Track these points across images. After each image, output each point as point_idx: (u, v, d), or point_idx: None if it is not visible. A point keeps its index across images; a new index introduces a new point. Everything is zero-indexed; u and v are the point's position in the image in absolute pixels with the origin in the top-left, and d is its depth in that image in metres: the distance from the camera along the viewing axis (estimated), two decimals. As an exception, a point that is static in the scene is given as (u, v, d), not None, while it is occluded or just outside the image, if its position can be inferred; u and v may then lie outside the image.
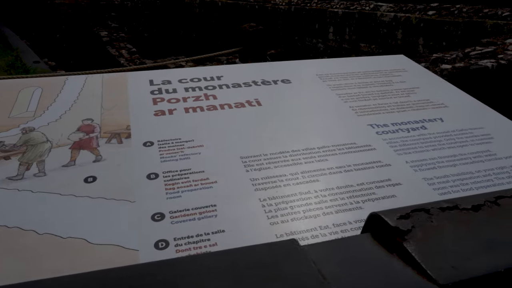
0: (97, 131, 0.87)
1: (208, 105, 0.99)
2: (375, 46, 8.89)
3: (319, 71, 1.20)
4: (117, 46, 13.14)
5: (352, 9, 9.42)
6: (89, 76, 1.10)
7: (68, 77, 1.08)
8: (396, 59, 1.33)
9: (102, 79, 1.09)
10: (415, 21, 8.28)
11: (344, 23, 9.48)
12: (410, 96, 1.10)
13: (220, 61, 9.90)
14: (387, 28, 8.78)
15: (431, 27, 8.16)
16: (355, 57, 1.36)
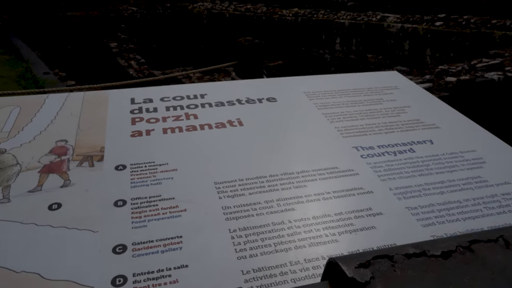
0: (70, 153, 0.85)
1: (188, 125, 0.96)
2: (382, 57, 8.85)
3: (307, 88, 1.17)
4: (126, 57, 13.27)
5: (359, 20, 9.41)
6: (71, 94, 1.08)
7: (49, 95, 1.06)
8: (388, 76, 1.29)
9: (83, 97, 1.07)
10: (422, 32, 8.23)
11: (351, 34, 9.46)
12: (400, 115, 1.05)
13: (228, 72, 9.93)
14: (394, 39, 8.74)
15: (439, 38, 8.11)
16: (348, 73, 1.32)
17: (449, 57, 8.06)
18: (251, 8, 12.74)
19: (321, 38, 10.16)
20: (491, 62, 5.16)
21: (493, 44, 7.42)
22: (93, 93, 1.09)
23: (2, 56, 8.28)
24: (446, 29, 8.08)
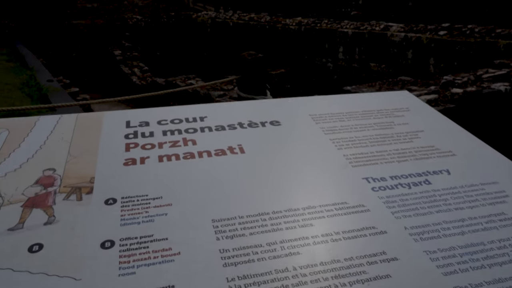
0: (57, 184, 0.78)
1: (186, 152, 0.89)
2: (385, 66, 8.80)
3: (313, 110, 1.10)
4: (130, 65, 13.30)
5: (362, 29, 9.38)
6: (63, 117, 1.02)
7: (40, 117, 1.00)
8: (399, 96, 1.23)
9: (76, 119, 1.01)
10: (426, 41, 8.18)
11: (354, 43, 9.43)
12: (413, 141, 0.98)
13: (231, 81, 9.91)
14: (397, 48, 8.70)
15: (443, 47, 8.06)
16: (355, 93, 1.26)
17: (453, 66, 8.00)
18: (254, 17, 12.75)
19: (324, 47, 10.13)
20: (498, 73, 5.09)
21: (497, 53, 7.37)
22: (87, 115, 1.03)
23: (7, 64, 8.29)
24: (450, 38, 8.04)
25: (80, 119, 1.01)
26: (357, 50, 9.36)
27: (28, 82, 6.66)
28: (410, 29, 8.76)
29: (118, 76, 13.36)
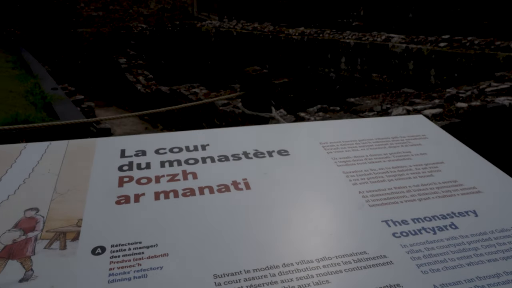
0: (39, 228, 0.69)
1: (185, 188, 0.81)
2: (387, 76, 8.76)
3: (323, 137, 1.02)
4: (135, 73, 13.28)
5: (364, 40, 9.35)
6: (52, 144, 0.93)
7: (27, 144, 0.92)
8: (414, 121, 1.14)
9: (66, 148, 0.92)
10: (426, 53, 8.14)
11: (356, 53, 9.40)
12: (434, 175, 0.90)
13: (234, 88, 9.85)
14: (398, 59, 8.66)
15: (443, 58, 8.02)
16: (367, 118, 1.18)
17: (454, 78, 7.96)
18: (258, 27, 12.75)
19: (327, 57, 10.10)
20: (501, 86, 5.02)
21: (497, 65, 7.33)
22: (78, 142, 0.95)
23: (12, 71, 8.26)
24: (450, 50, 8.01)
25: (71, 147, 0.93)
26: (359, 61, 9.32)
27: (33, 90, 6.62)
28: (411, 41, 8.74)
29: (123, 84, 13.34)
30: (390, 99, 4.37)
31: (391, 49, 8.79)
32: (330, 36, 10.34)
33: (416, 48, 8.32)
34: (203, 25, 15.26)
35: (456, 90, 4.64)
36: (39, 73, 7.69)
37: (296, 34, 11.11)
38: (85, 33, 16.94)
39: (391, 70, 8.92)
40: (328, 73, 10.15)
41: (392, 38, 9.01)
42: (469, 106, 4.03)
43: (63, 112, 4.93)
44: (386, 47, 8.89)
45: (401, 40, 8.80)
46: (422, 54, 8.23)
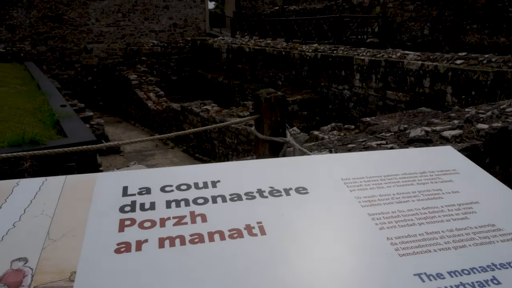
0: (26, 283, 0.61)
1: (193, 233, 0.72)
2: (403, 94, 8.63)
3: (345, 172, 0.93)
4: (146, 89, 13.41)
5: (379, 57, 9.27)
6: (48, 180, 0.86)
7: (20, 181, 0.85)
8: (442, 153, 1.05)
9: (63, 184, 0.85)
10: (443, 70, 8.01)
11: (371, 70, 9.31)
12: (469, 218, 0.80)
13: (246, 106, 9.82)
14: (414, 76, 8.54)
15: (460, 76, 7.88)
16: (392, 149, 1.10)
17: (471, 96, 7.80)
18: (271, 44, 12.78)
19: (341, 74, 10.03)
20: (522, 106, 4.87)
21: (515, 83, 7.19)
22: (76, 178, 0.88)
23: (21, 87, 8.35)
24: (467, 68, 7.87)
25: (68, 183, 0.86)
26: (373, 78, 9.23)
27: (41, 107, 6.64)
28: (427, 58, 8.63)
29: (133, 100, 13.47)
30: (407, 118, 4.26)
31: (407, 66, 8.70)
32: (344, 53, 10.29)
33: (432, 66, 8.21)
34: (215, 41, 15.39)
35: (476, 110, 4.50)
36: (48, 90, 7.75)
37: (309, 50, 11.09)
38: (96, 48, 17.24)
39: (407, 87, 8.80)
40: (342, 90, 10.08)
41: (408, 55, 8.92)
42: (490, 128, 3.89)
43: (72, 130, 4.91)
44: (401, 64, 8.79)
45: (417, 57, 8.70)
46: (438, 72, 8.11)
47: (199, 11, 19.50)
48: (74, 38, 16.83)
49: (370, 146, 3.11)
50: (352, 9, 16.96)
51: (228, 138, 8.39)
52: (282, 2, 23.43)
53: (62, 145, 4.54)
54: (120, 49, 17.40)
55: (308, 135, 6.72)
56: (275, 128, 1.63)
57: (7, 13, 15.43)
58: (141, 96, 12.75)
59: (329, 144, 3.66)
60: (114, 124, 13.60)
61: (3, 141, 4.24)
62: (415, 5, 13.15)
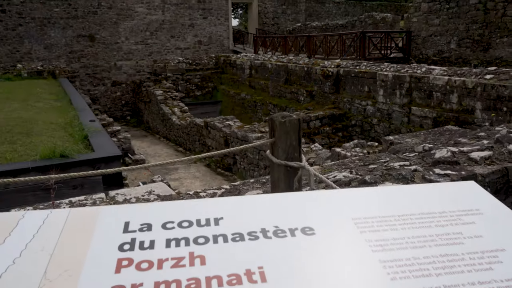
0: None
1: (190, 278, 0.69)
2: (429, 110, 8.43)
3: (356, 210, 0.88)
4: (170, 105, 13.64)
5: (403, 72, 9.11)
6: (53, 213, 0.85)
7: (26, 213, 0.84)
8: (464, 190, 0.98)
9: (67, 218, 0.84)
10: (471, 85, 7.78)
11: (395, 86, 9.15)
12: (493, 268, 0.73)
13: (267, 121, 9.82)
14: (440, 92, 8.34)
15: (490, 91, 7.63)
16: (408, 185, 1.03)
17: (501, 112, 7.54)
18: (293, 59, 12.81)
19: (364, 89, 9.91)
20: (556, 124, 4.65)
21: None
22: (80, 211, 0.86)
23: (55, 103, 8.65)
24: (497, 83, 7.61)
25: (72, 217, 0.84)
26: (398, 94, 9.06)
27: (72, 122, 6.85)
28: (454, 73, 8.40)
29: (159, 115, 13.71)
30: (433, 137, 4.12)
31: (432, 82, 8.51)
32: (367, 68, 10.19)
33: (460, 81, 8.00)
34: (238, 57, 15.55)
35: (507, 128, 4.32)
36: (79, 105, 7.99)
37: (332, 66, 11.03)
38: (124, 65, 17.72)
39: (433, 103, 8.60)
40: (365, 106, 9.94)
41: (433, 70, 8.73)
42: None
43: (99, 144, 5.03)
44: (427, 79, 8.61)
45: (443, 72, 8.50)
46: (466, 87, 7.89)
47: (223, 29, 19.82)
48: (105, 55, 17.37)
49: (393, 167, 3.02)
50: (375, 24, 16.85)
51: (250, 153, 8.37)
52: (304, 18, 23.56)
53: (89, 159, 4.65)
54: (147, 65, 17.83)
55: (330, 152, 6.62)
56: (290, 152, 1.59)
57: (45, 33, 16.11)
58: (166, 111, 12.97)
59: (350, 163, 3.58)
60: (140, 138, 13.85)
61: (36, 154, 4.39)
62: (440, 19, 12.94)
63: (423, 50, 13.65)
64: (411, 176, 2.66)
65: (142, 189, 2.93)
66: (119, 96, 17.99)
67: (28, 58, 15.78)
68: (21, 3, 15.41)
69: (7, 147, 4.74)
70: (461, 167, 2.82)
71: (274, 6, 22.17)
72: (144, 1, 17.63)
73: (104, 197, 2.65)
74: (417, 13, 13.61)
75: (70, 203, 2.52)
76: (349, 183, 2.65)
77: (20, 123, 6.00)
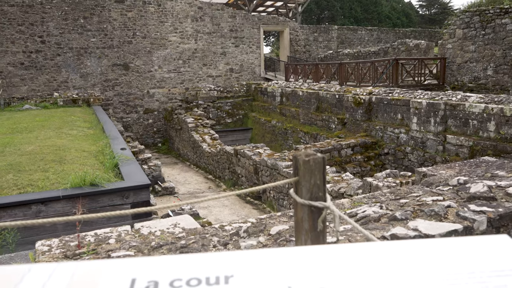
0: None
1: None
2: (465, 138, 8.12)
3: (375, 270, 0.82)
4: (201, 132, 13.85)
5: (437, 100, 8.88)
6: (60, 266, 0.83)
7: (31, 267, 0.83)
8: (496, 245, 0.90)
9: (73, 274, 0.82)
10: (509, 113, 7.46)
11: (429, 113, 8.92)
12: None
13: (299, 150, 9.73)
14: (477, 120, 8.04)
15: (532, 120, 7.30)
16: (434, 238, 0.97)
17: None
18: (324, 87, 12.80)
19: (397, 117, 9.72)
20: None
21: None
22: (87, 265, 0.84)
23: (88, 131, 8.96)
24: (539, 109, 7.28)
25: (78, 273, 0.82)
26: (432, 121, 8.82)
27: (103, 150, 7.03)
28: (491, 100, 8.10)
29: (190, 142, 13.94)
30: (468, 169, 3.95)
31: (468, 109, 8.24)
32: (400, 96, 10.02)
33: (498, 108, 7.70)
34: (269, 85, 15.70)
35: (549, 161, 4.09)
36: (111, 133, 8.22)
37: (364, 93, 10.92)
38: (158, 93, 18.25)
39: (469, 131, 8.29)
40: (398, 134, 9.72)
41: (469, 98, 8.47)
42: None
43: (129, 173, 5.11)
44: (462, 106, 8.36)
45: (479, 100, 8.23)
46: (504, 115, 7.58)
47: (255, 57, 20.17)
48: (139, 83, 18.00)
49: (425, 203, 2.89)
50: (408, 51, 16.67)
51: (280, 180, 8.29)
52: (336, 46, 23.66)
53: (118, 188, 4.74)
54: (179, 93, 18.30)
55: (361, 181, 6.46)
56: (314, 192, 1.54)
57: (82, 62, 16.93)
58: (196, 139, 13.16)
59: (381, 196, 3.46)
60: (170, 165, 14.06)
61: (67, 183, 4.52)
62: (476, 45, 12.65)
63: (458, 77, 13.33)
64: (444, 213, 2.52)
65: (167, 222, 2.93)
66: (151, 123, 18.47)
67: (64, 87, 16.56)
68: (60, 34, 16.31)
69: (40, 175, 4.90)
70: (498, 203, 2.66)
71: (305, 34, 22.43)
72: (177, 30, 18.26)
73: (129, 230, 2.66)
74: (451, 39, 13.38)
75: (95, 236, 2.54)
76: (379, 220, 2.54)
77: (54, 151, 6.21)
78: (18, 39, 15.64)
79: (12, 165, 5.26)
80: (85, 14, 16.55)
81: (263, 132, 14.54)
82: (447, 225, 2.20)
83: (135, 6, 17.22)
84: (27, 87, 16.01)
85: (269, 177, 8.55)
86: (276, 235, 2.34)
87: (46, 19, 15.94)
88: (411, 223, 2.28)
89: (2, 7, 15.29)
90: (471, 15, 12.49)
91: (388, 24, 35.74)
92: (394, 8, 38.81)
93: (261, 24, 19.99)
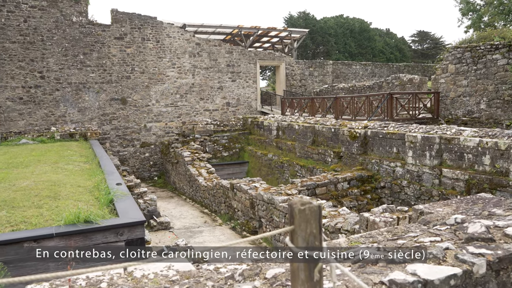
0: None
1: None
2: (460, 172, 8.13)
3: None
4: (197, 166, 13.82)
5: (432, 133, 8.96)
6: None
7: None
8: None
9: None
10: (504, 147, 7.52)
11: (424, 147, 8.98)
12: None
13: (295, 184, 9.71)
14: (472, 154, 8.09)
15: (526, 153, 7.35)
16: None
17: (541, 174, 7.18)
18: (320, 120, 12.92)
19: (392, 150, 9.77)
20: None
21: None
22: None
23: (84, 165, 8.91)
24: (533, 143, 7.34)
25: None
26: (427, 155, 8.86)
27: (99, 185, 6.96)
28: (485, 134, 8.19)
29: (186, 176, 13.89)
30: (465, 206, 3.95)
31: (463, 143, 8.32)
32: (395, 130, 10.11)
33: (492, 142, 7.77)
34: (265, 119, 15.84)
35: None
36: (107, 168, 8.19)
37: (359, 127, 11.02)
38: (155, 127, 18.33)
39: (465, 165, 8.33)
40: (394, 168, 9.74)
41: (464, 131, 8.56)
42: None
43: (124, 209, 5.05)
44: (457, 140, 8.43)
45: (474, 134, 8.32)
46: (499, 148, 7.64)
47: (251, 91, 20.46)
48: (136, 117, 18.12)
49: (423, 245, 2.86)
50: (402, 85, 16.98)
51: (276, 217, 8.22)
52: (331, 80, 24.08)
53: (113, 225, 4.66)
54: (176, 127, 18.41)
55: (357, 216, 6.41)
56: (310, 241, 1.53)
57: (80, 97, 17.09)
58: (192, 172, 13.11)
59: (378, 235, 3.42)
60: (166, 199, 13.94)
61: (61, 220, 4.44)
62: (468, 80, 12.92)
63: (452, 111, 13.52)
64: (442, 256, 2.49)
65: (161, 265, 2.88)
66: (148, 157, 18.46)
67: (62, 121, 16.63)
68: (60, 70, 16.55)
69: (34, 211, 4.84)
70: (497, 245, 2.62)
71: (301, 68, 22.86)
72: (175, 65, 18.58)
73: (122, 273, 2.61)
74: (444, 74, 13.67)
75: (87, 279, 2.48)
76: (376, 262, 2.50)
77: (49, 186, 6.15)
78: (18, 74, 15.85)
79: (6, 201, 5.20)
80: (85, 50, 16.86)
81: (260, 166, 14.54)
82: (446, 269, 2.17)
83: (134, 42, 17.59)
84: (25, 122, 16.07)
85: (265, 211, 8.48)
86: (272, 279, 2.29)
87: (46, 55, 16.21)
88: (409, 267, 2.25)
89: (3, 43, 15.57)
90: (462, 50, 12.82)
91: (382, 58, 36.58)
92: (387, 43, 39.84)
93: (257, 59, 20.40)
